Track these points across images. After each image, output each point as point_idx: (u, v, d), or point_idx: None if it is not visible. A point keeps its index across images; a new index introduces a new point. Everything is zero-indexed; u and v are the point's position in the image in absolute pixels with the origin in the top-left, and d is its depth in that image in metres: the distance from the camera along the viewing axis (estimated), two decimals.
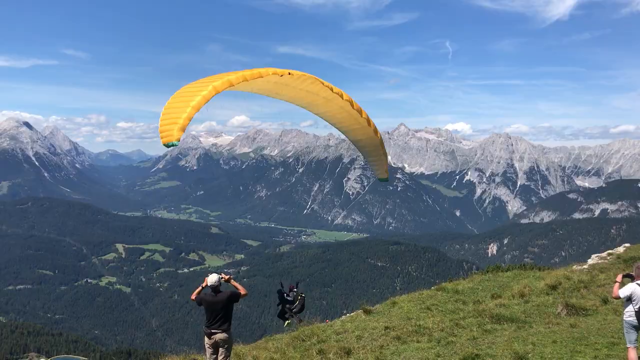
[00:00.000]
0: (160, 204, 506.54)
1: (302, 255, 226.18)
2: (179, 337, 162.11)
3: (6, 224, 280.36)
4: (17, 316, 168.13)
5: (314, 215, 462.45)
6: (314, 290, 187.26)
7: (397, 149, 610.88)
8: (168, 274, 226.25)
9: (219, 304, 10.73)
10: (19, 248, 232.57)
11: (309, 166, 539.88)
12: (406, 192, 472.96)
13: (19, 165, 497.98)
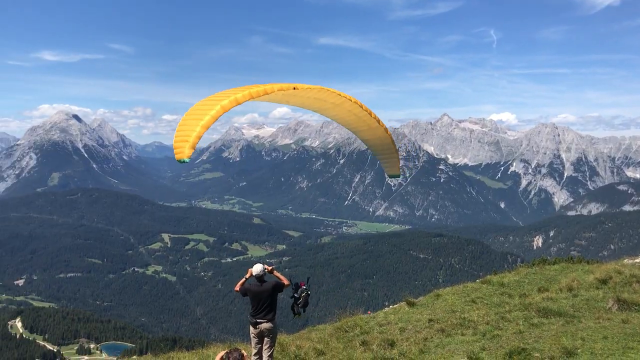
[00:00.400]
0: (204, 194, 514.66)
1: (343, 247, 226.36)
2: (222, 326, 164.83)
3: (57, 214, 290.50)
4: (68, 303, 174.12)
5: (355, 207, 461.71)
6: (355, 281, 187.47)
7: (440, 139, 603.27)
8: (212, 264, 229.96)
9: (265, 294, 10.83)
10: (70, 237, 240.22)
11: (350, 157, 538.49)
12: (449, 184, 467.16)
13: (68, 157, 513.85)
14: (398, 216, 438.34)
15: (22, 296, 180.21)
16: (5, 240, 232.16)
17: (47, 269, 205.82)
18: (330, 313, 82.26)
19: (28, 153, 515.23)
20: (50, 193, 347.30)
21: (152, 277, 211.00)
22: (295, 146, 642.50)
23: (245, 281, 11.34)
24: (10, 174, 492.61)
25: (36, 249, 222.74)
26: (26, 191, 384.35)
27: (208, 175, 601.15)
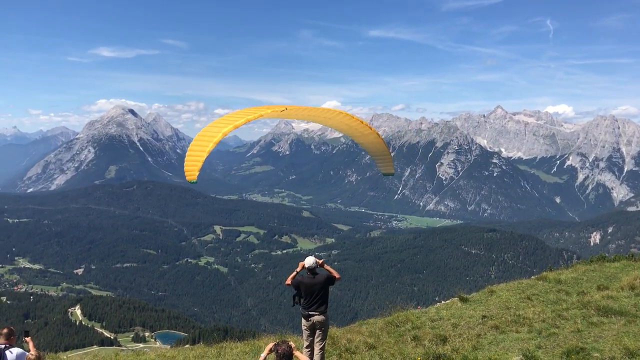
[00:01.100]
0: (254, 187, 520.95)
1: (393, 241, 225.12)
2: (272, 317, 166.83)
3: (114, 205, 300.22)
4: (124, 292, 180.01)
5: (405, 201, 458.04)
6: (405, 276, 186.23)
7: (493, 132, 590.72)
8: (262, 256, 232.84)
9: (317, 286, 10.86)
10: (126, 228, 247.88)
11: (400, 151, 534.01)
12: (502, 178, 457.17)
13: (125, 151, 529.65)
14: (449, 211, 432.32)
15: (81, 285, 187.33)
16: (65, 230, 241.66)
17: (104, 259, 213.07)
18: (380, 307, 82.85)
19: (87, 147, 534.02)
20: (108, 185, 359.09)
21: (205, 268, 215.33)
22: (345, 140, 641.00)
23: (296, 274, 11.40)
24: (70, 167, 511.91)
25: (94, 240, 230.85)
26: (85, 183, 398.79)
27: (258, 169, 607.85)
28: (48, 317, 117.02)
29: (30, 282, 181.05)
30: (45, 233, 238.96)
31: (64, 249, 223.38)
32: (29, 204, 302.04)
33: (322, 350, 11.13)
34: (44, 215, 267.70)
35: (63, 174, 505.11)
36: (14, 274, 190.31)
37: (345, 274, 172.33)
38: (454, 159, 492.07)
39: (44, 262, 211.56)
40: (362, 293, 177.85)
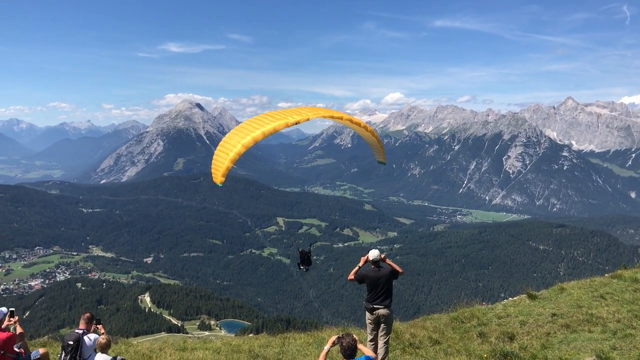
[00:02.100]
0: (316, 180, 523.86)
1: (457, 235, 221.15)
2: (334, 309, 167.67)
3: (182, 197, 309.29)
4: (191, 281, 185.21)
5: (470, 195, 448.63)
6: (469, 271, 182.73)
7: (563, 124, 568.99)
8: (324, 248, 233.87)
9: (382, 279, 10.79)
10: (193, 219, 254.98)
11: (466, 143, 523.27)
12: (573, 172, 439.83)
13: (192, 143, 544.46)
14: (516, 205, 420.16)
15: (150, 273, 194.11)
16: (136, 220, 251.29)
17: (172, 248, 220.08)
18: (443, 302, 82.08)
19: (156, 140, 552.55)
20: (176, 177, 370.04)
21: (268, 259, 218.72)
22: (408, 132, 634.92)
23: (358, 269, 11.35)
24: (140, 159, 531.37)
25: (163, 230, 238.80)
26: (154, 175, 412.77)
27: (320, 162, 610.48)
28: (119, 303, 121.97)
29: (103, 270, 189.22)
30: (117, 223, 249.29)
31: (134, 238, 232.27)
32: (102, 194, 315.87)
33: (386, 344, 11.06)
34: (116, 206, 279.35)
35: (134, 166, 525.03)
36: (88, 261, 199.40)
37: (408, 268, 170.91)
38: (521, 152, 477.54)
39: (115, 251, 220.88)
40: (424, 288, 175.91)
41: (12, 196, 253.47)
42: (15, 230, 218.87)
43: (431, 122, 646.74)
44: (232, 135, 14.07)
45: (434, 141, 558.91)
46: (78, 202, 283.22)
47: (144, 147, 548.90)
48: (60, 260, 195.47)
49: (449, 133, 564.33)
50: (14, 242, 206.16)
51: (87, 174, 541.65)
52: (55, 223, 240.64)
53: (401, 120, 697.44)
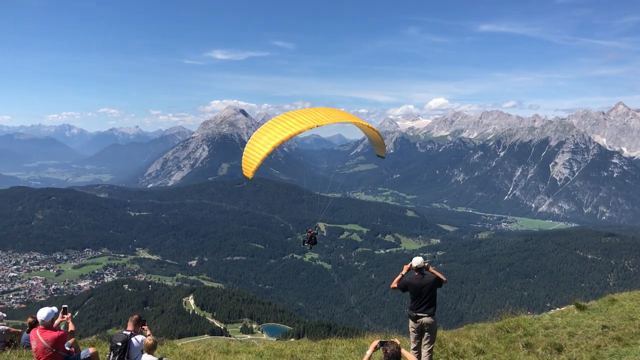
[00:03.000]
0: (358, 186, 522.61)
1: (502, 243, 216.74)
2: (375, 316, 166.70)
3: (225, 201, 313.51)
4: (234, 284, 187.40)
5: (515, 202, 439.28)
6: (514, 280, 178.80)
7: (613, 130, 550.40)
8: (365, 254, 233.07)
9: (427, 287, 10.69)
10: (236, 223, 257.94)
11: (511, 149, 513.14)
12: (624, 179, 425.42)
13: (236, 149, 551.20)
14: (563, 213, 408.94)
15: (194, 275, 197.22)
16: (181, 224, 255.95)
17: (216, 252, 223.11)
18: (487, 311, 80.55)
19: (201, 145, 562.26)
20: (220, 182, 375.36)
21: (309, 264, 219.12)
22: (452, 138, 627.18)
23: (401, 277, 11.27)
24: (186, 164, 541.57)
25: (207, 233, 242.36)
26: (199, 180, 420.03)
27: (362, 167, 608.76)
28: (164, 305, 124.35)
29: (149, 272, 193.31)
30: (163, 226, 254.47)
31: (179, 242, 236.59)
32: (149, 198, 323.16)
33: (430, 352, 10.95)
34: (162, 209, 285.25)
35: (180, 170, 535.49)
36: (135, 263, 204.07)
37: (451, 276, 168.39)
38: (569, 159, 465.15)
39: (161, 253, 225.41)
40: (468, 296, 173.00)
41: (63, 199, 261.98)
42: (66, 232, 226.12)
43: (476, 127, 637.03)
44: (260, 135, 16.13)
45: (479, 147, 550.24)
46: (126, 205, 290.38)
47: (190, 152, 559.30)
48: (108, 262, 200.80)
49: (494, 139, 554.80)
50: (65, 243, 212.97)
51: (135, 178, 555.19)
52: (104, 226, 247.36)
53: (445, 125, 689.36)
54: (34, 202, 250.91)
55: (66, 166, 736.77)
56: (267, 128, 16.02)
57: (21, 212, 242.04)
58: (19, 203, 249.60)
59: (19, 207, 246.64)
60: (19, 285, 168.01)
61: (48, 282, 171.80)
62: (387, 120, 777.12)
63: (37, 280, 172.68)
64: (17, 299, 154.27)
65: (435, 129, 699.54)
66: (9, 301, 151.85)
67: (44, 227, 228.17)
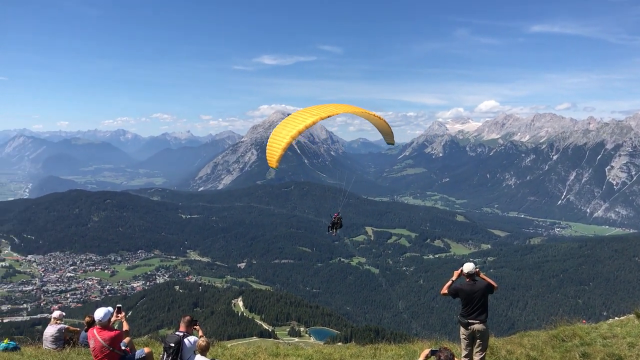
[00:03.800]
0: (406, 190, 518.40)
1: (555, 249, 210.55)
2: (424, 322, 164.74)
3: (273, 204, 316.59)
4: (282, 287, 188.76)
5: (569, 207, 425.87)
6: (568, 287, 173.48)
7: None
8: (414, 259, 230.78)
9: (478, 293, 10.49)
10: (284, 226, 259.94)
11: (565, 153, 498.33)
12: None
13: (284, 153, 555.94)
14: (621, 218, 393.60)
15: (243, 278, 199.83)
16: (230, 227, 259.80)
17: (264, 255, 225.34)
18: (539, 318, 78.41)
19: (250, 149, 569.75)
20: (268, 185, 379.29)
21: (357, 268, 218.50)
22: (503, 141, 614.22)
23: (452, 283, 11.09)
24: (235, 168, 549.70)
25: (256, 236, 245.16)
26: (248, 183, 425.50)
27: (410, 171, 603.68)
28: (214, 306, 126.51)
29: (199, 274, 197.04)
30: (213, 229, 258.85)
31: (229, 244, 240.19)
32: (200, 201, 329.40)
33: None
34: (212, 212, 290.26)
35: (229, 174, 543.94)
36: (186, 265, 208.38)
37: (502, 282, 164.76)
38: (627, 162, 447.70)
39: (211, 256, 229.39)
40: (519, 303, 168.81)
41: (118, 202, 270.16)
42: (120, 234, 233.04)
43: (527, 130, 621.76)
44: (280, 129, 18.48)
45: (531, 150, 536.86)
46: (177, 208, 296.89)
47: (239, 156, 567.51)
48: (160, 263, 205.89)
49: (546, 142, 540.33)
50: (119, 245, 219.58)
51: (186, 181, 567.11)
52: (157, 228, 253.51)
53: (496, 128, 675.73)
54: (90, 205, 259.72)
55: (121, 170, 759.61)
56: (285, 123, 18.58)
57: (78, 215, 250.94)
58: (76, 206, 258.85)
59: (76, 209, 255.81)
60: (76, 285, 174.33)
61: (103, 283, 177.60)
62: (436, 123, 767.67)
63: (92, 281, 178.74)
64: (73, 299, 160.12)
65: (485, 132, 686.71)
66: (66, 300, 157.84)
67: (99, 229, 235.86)
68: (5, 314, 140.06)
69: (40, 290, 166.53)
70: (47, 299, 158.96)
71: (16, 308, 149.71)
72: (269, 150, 18.41)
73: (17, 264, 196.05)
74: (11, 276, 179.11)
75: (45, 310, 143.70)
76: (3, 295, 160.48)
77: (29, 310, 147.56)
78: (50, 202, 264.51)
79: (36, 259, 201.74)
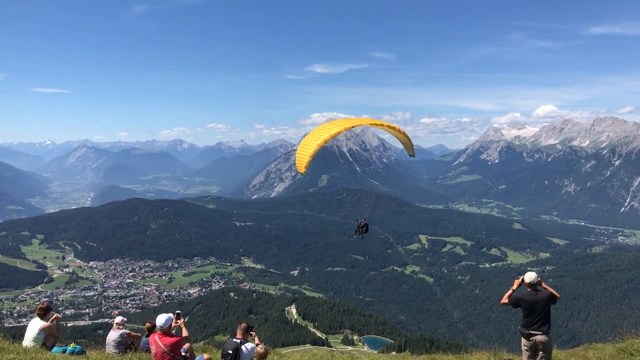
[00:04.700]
0: (461, 197, 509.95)
1: (619, 258, 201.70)
2: (480, 332, 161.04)
3: (325, 212, 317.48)
4: (334, 295, 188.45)
5: (633, 214, 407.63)
6: (634, 298, 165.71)
7: None
8: (469, 268, 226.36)
9: (541, 303, 10.17)
10: (336, 234, 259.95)
11: (628, 158, 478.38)
12: None
13: (335, 161, 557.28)
14: None
15: (296, 285, 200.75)
16: (283, 234, 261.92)
17: (317, 262, 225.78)
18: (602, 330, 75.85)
19: None
20: (320, 193, 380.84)
21: (410, 276, 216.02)
22: (561, 146, 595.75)
23: (512, 292, 10.79)
24: (288, 176, 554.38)
25: (308, 244, 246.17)
26: (300, 191, 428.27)
27: (465, 178, 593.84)
28: (268, 313, 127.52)
29: (253, 281, 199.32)
30: (266, 236, 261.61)
31: (282, 251, 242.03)
32: (253, 209, 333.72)
33: None
34: (265, 220, 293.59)
35: (282, 182, 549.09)
36: (240, 272, 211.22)
37: (562, 292, 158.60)
38: None
39: (265, 263, 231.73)
40: (580, 314, 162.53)
41: (175, 210, 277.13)
42: (177, 242, 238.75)
43: (587, 135, 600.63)
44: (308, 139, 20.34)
45: (591, 156, 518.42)
46: (232, 216, 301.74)
47: (291, 164, 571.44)
48: (215, 270, 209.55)
49: (608, 147, 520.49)
50: (176, 252, 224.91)
51: (241, 189, 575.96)
52: (212, 235, 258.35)
53: (554, 134, 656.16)
54: (149, 213, 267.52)
55: (177, 179, 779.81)
56: (312, 133, 20.73)
57: (137, 222, 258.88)
58: (135, 214, 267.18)
59: (135, 217, 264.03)
60: (135, 291, 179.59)
61: (160, 289, 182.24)
62: (492, 129, 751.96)
63: (150, 287, 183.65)
64: (132, 304, 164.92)
65: (543, 137, 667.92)
66: (125, 306, 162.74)
67: (157, 236, 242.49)
68: (69, 318, 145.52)
69: (102, 295, 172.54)
70: (108, 304, 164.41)
71: (79, 313, 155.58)
72: (298, 158, 20.49)
73: (80, 270, 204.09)
74: (74, 282, 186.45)
75: (106, 315, 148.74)
76: (67, 300, 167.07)
77: (91, 315, 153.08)
78: (110, 210, 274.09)
79: (97, 265, 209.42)
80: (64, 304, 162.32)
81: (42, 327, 14.32)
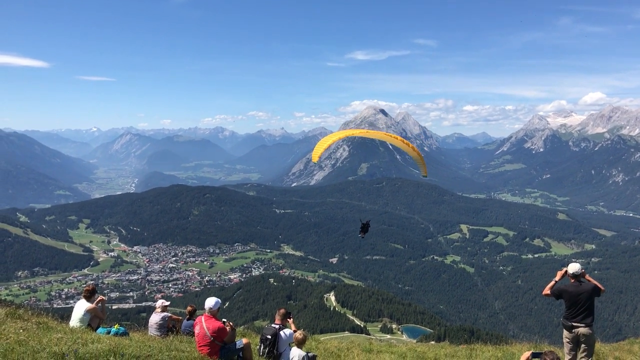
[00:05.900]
0: (504, 186, 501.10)
1: None
2: (521, 323, 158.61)
3: (365, 200, 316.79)
4: (373, 283, 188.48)
5: None
6: None
7: None
8: (511, 258, 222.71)
9: (584, 295, 9.92)
10: (375, 223, 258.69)
11: None
12: None
13: (375, 149, 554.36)
14: None
15: (335, 273, 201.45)
16: (322, 222, 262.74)
17: (356, 250, 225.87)
18: None
19: (342, 145, 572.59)
20: (360, 181, 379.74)
21: (451, 266, 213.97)
22: (609, 135, 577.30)
23: (555, 283, 10.56)
24: (327, 164, 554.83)
25: (347, 232, 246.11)
26: (339, 179, 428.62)
27: (508, 167, 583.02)
28: (307, 300, 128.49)
29: (292, 267, 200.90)
30: (305, 224, 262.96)
31: (321, 239, 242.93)
32: (293, 197, 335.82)
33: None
34: (305, 208, 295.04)
35: (321, 170, 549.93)
36: (280, 259, 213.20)
37: (608, 284, 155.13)
38: None
39: (304, 250, 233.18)
40: (627, 307, 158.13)
41: (216, 197, 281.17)
42: (218, 228, 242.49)
43: (637, 123, 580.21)
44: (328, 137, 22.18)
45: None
46: (272, 203, 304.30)
47: (331, 152, 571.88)
48: (255, 256, 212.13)
49: None
50: (217, 238, 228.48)
51: (280, 177, 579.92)
52: (252, 222, 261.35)
53: (601, 122, 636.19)
54: (191, 199, 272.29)
55: (219, 166, 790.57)
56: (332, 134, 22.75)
57: (180, 208, 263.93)
58: (178, 200, 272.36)
59: (177, 203, 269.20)
60: (177, 275, 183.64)
61: (202, 274, 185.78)
62: (537, 117, 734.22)
63: (192, 272, 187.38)
64: (175, 288, 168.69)
65: (590, 125, 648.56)
66: (168, 290, 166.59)
67: (199, 222, 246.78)
68: (114, 301, 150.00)
69: (145, 279, 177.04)
70: (151, 288, 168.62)
71: (123, 296, 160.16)
72: (315, 149, 22.51)
73: (125, 254, 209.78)
74: (119, 266, 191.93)
75: (150, 298, 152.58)
76: (112, 283, 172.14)
77: (135, 298, 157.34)
78: (154, 197, 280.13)
79: (141, 250, 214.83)
80: (109, 286, 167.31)
81: (88, 308, 14.81)
